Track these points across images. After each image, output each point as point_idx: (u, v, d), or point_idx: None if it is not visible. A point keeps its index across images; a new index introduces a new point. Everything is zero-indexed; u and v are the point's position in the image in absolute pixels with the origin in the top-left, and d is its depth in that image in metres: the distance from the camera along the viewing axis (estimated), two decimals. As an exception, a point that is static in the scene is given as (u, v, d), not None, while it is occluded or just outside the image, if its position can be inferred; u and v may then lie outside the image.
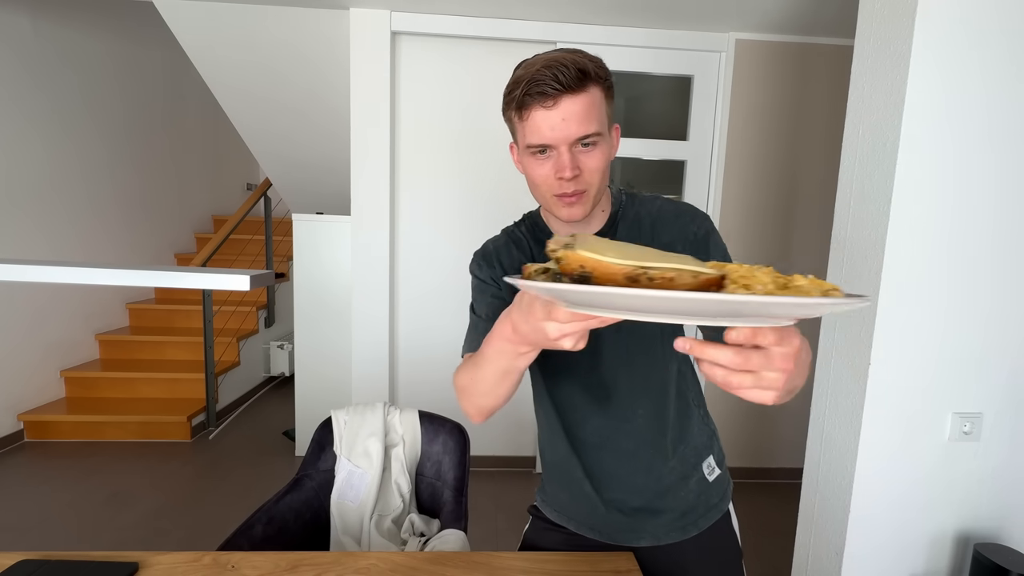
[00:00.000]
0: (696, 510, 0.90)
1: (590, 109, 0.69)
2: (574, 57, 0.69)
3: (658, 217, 0.81)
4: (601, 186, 0.74)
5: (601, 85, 0.71)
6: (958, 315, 1.31)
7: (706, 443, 0.92)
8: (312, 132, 2.88)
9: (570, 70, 0.67)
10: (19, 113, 3.03)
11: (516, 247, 0.88)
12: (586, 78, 0.68)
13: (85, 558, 0.87)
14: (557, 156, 0.71)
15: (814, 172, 2.67)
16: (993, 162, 1.27)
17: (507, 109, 0.74)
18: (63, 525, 2.26)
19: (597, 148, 0.71)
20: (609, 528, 0.91)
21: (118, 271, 0.50)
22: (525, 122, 0.71)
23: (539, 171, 0.73)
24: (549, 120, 0.69)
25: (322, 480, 1.39)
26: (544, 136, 0.70)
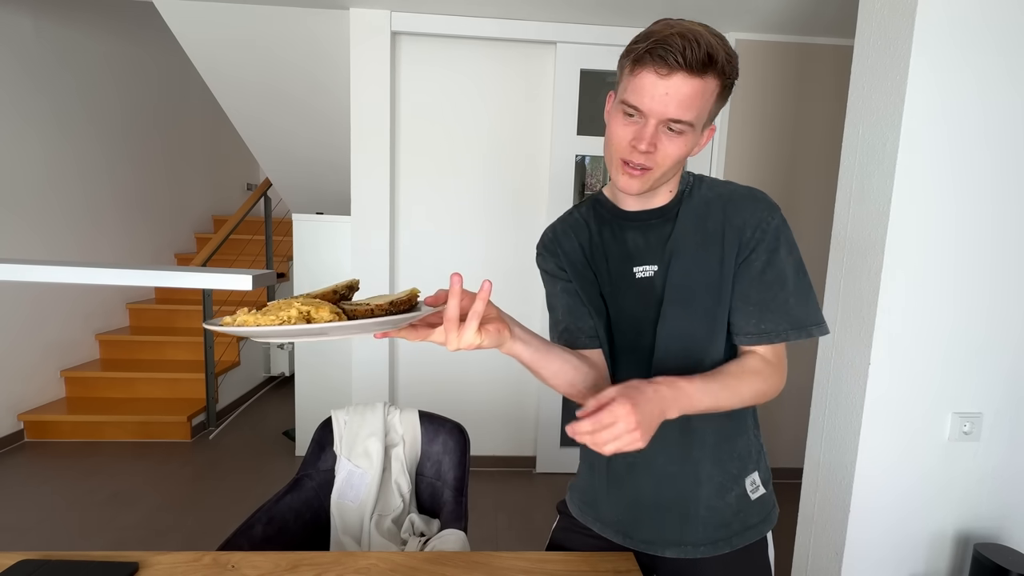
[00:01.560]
0: (731, 526, 0.84)
1: (697, 97, 0.67)
2: (712, 39, 0.67)
3: (730, 199, 0.79)
4: (668, 172, 0.74)
5: (721, 80, 0.69)
6: (958, 315, 1.31)
7: (754, 457, 0.87)
8: (312, 132, 2.89)
9: (700, 49, 0.65)
10: (19, 113, 3.03)
11: (575, 232, 0.87)
12: (711, 65, 0.66)
13: (85, 558, 0.87)
14: (643, 125, 0.69)
15: (814, 172, 2.67)
16: (993, 162, 1.27)
17: (624, 57, 0.72)
18: (63, 525, 2.26)
19: (682, 137, 0.70)
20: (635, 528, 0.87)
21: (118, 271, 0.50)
22: (633, 77, 0.69)
23: (620, 130, 0.72)
24: (655, 87, 0.67)
25: (322, 480, 1.39)
26: (642, 100, 0.68)
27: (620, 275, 0.82)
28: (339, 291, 0.68)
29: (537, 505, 2.51)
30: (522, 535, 2.27)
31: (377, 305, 0.61)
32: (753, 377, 0.75)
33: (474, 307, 0.58)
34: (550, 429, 2.80)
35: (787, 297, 0.75)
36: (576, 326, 0.84)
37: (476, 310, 0.58)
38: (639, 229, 0.82)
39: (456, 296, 0.58)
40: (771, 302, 0.75)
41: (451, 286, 0.58)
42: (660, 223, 0.81)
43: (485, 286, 0.59)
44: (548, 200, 2.63)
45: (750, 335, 0.77)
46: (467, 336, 0.59)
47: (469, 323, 0.58)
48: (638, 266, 0.81)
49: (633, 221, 0.82)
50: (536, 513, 2.44)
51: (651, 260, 0.81)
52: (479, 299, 0.58)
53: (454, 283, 0.58)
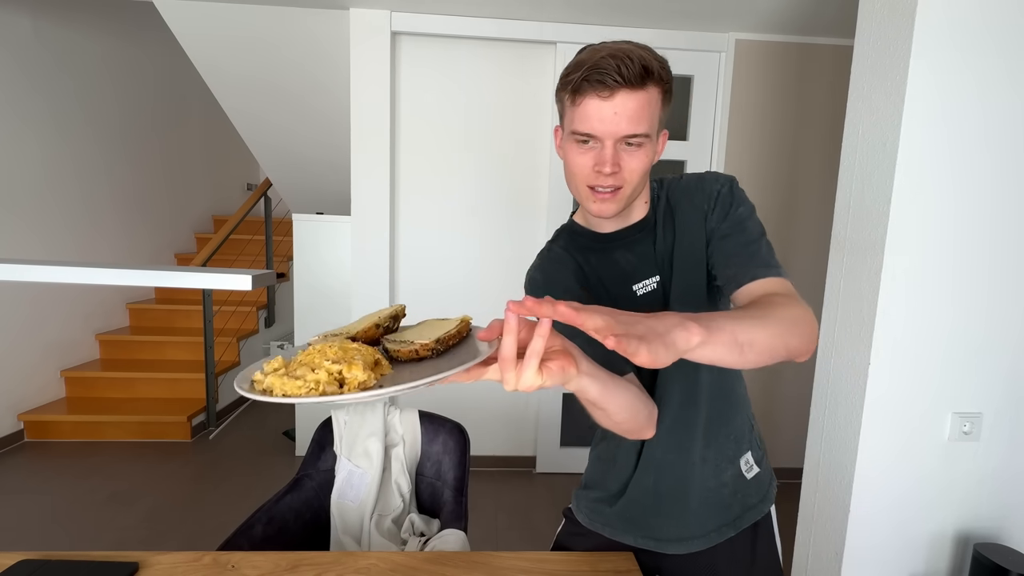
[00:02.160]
0: (731, 508, 0.87)
1: (644, 108, 0.68)
2: (641, 53, 0.68)
3: (687, 191, 0.81)
4: (638, 187, 0.73)
5: (661, 87, 0.69)
6: (958, 315, 1.31)
7: (747, 437, 0.89)
8: (312, 132, 2.88)
9: (635, 64, 0.66)
10: (18, 114, 3.03)
11: (563, 266, 0.85)
12: (648, 76, 0.67)
13: (85, 558, 0.87)
14: (600, 149, 0.70)
15: (814, 172, 2.67)
16: (993, 162, 1.27)
17: (561, 90, 0.72)
18: (63, 525, 2.26)
19: (642, 149, 0.70)
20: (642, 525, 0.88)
21: (119, 271, 0.50)
22: (577, 107, 0.69)
23: (579, 160, 0.72)
24: (601, 111, 0.67)
25: (322, 480, 1.39)
26: (592, 126, 0.68)
27: (621, 296, 0.82)
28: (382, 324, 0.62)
29: (537, 505, 2.51)
30: (522, 535, 2.27)
31: (422, 345, 0.55)
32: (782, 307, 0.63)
33: (532, 346, 0.49)
34: (550, 429, 2.80)
35: (748, 243, 0.75)
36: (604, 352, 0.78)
37: (535, 349, 0.48)
38: (625, 247, 0.82)
39: (512, 333, 0.48)
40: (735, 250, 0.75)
41: (506, 322, 0.48)
42: (643, 236, 0.81)
43: (544, 322, 0.47)
44: (548, 200, 2.63)
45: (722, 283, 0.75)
46: (527, 377, 0.49)
47: (528, 363, 0.49)
48: (637, 283, 0.81)
49: (617, 241, 0.82)
50: (536, 513, 2.44)
51: (649, 273, 0.81)
52: (538, 335, 0.48)
53: (509, 319, 0.48)
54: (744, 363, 0.55)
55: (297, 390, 0.48)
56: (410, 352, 0.56)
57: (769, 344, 0.57)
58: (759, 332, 0.56)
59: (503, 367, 0.50)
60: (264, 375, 0.50)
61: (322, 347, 0.52)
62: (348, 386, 0.49)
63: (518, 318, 0.47)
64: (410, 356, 0.56)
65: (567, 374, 0.55)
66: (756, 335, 0.56)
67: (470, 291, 2.72)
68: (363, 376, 0.49)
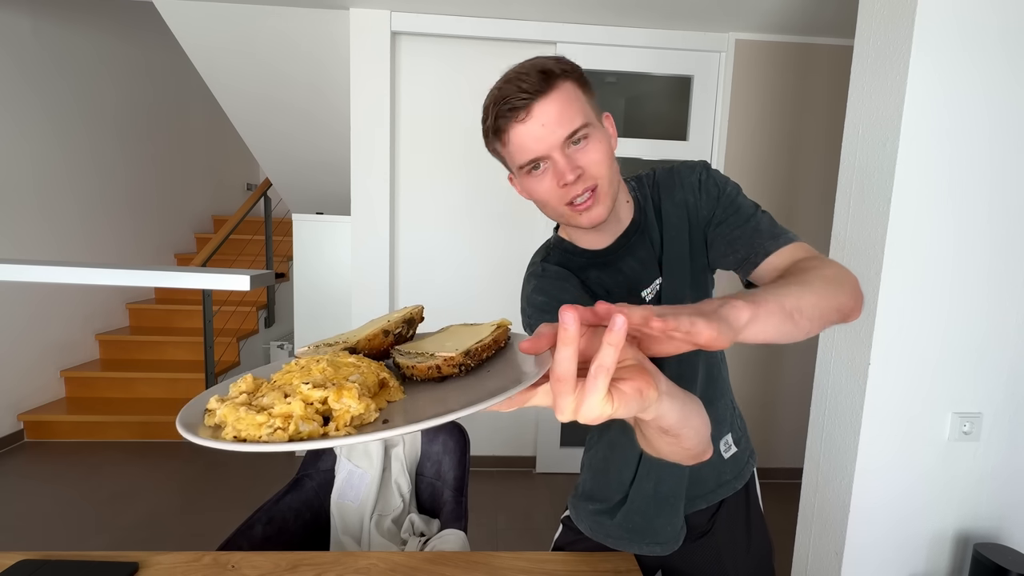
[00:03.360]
0: (706, 483, 0.88)
1: (568, 104, 0.65)
2: (532, 62, 0.65)
3: (662, 187, 0.79)
4: (612, 177, 0.69)
5: (571, 78, 0.66)
6: (958, 315, 1.31)
7: (728, 419, 0.89)
8: (312, 132, 2.88)
9: (531, 75, 0.63)
10: (19, 113, 3.03)
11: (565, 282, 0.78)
12: (551, 76, 0.64)
13: (85, 558, 0.87)
14: (553, 165, 0.66)
15: (814, 172, 2.67)
16: (993, 162, 1.27)
17: (488, 141, 0.70)
18: (63, 525, 2.26)
19: (591, 140, 0.67)
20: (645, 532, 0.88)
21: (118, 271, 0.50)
22: (509, 144, 0.67)
23: (541, 187, 0.68)
24: (530, 132, 0.64)
25: (322, 480, 1.39)
26: (531, 150, 0.65)
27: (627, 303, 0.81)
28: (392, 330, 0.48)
29: (537, 505, 2.51)
30: (522, 535, 2.27)
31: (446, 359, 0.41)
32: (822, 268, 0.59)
33: (600, 358, 0.34)
34: (550, 429, 2.80)
35: (747, 220, 0.73)
36: None
37: (604, 364, 0.34)
38: (628, 253, 0.79)
39: (571, 343, 0.34)
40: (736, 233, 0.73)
41: (561, 328, 0.34)
42: (640, 238, 0.79)
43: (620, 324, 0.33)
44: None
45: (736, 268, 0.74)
46: (591, 405, 0.35)
47: (594, 385, 0.34)
48: (645, 288, 0.79)
49: (617, 252, 0.79)
50: (536, 513, 2.44)
51: (653, 275, 0.80)
52: (607, 344, 0.33)
53: (567, 322, 0.34)
54: (798, 332, 0.49)
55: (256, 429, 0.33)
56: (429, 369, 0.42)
57: (818, 307, 0.52)
58: (806, 297, 0.51)
59: (558, 390, 0.35)
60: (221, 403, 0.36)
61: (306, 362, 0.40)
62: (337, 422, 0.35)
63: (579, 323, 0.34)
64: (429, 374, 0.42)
65: (646, 399, 0.39)
66: (803, 300, 0.50)
67: (471, 291, 2.72)
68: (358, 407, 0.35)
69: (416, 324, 0.52)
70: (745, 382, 2.74)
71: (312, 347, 0.47)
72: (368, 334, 0.47)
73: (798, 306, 0.49)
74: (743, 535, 0.93)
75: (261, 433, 0.33)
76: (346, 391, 0.36)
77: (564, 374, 0.34)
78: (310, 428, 0.34)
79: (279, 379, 0.39)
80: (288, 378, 0.38)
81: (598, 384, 0.34)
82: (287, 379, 0.38)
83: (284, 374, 0.39)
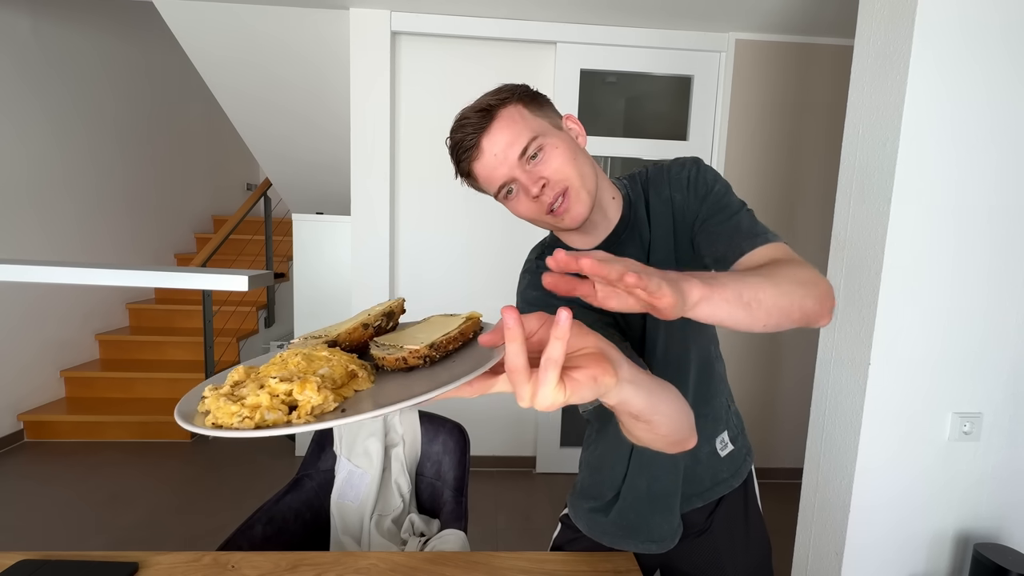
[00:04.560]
0: (702, 481, 0.89)
1: (511, 127, 0.69)
2: (475, 104, 0.71)
3: (655, 183, 0.80)
4: (582, 174, 0.71)
5: (510, 102, 0.70)
6: (958, 315, 1.31)
7: (723, 418, 0.90)
8: (312, 132, 2.88)
9: (471, 118, 0.69)
10: (18, 114, 3.03)
11: None
12: (490, 110, 0.69)
13: (85, 558, 0.87)
14: (519, 185, 0.71)
15: (814, 172, 2.67)
16: (993, 162, 1.27)
17: (464, 183, 0.76)
18: (63, 525, 2.26)
19: (546, 150, 0.70)
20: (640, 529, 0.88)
21: (118, 271, 0.50)
22: (478, 180, 0.73)
23: (520, 207, 0.73)
24: (487, 164, 0.70)
25: (322, 480, 1.39)
26: (495, 178, 0.71)
27: None
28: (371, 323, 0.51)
29: (537, 505, 2.51)
30: (522, 535, 2.27)
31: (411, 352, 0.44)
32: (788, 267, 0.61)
33: (548, 352, 0.37)
34: (550, 429, 2.80)
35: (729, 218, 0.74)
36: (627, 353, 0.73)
37: (552, 357, 0.37)
38: (618, 250, 0.80)
39: (517, 340, 0.38)
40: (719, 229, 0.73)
41: (505, 327, 0.38)
42: (630, 234, 0.80)
43: (564, 319, 0.36)
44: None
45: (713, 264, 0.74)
46: (544, 394, 0.38)
47: (545, 376, 0.38)
48: None
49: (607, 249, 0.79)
50: (536, 513, 2.44)
51: None
52: (555, 338, 0.37)
53: (508, 321, 0.37)
54: (754, 322, 0.50)
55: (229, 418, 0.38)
56: (397, 360, 0.45)
57: (778, 304, 0.53)
58: (767, 290, 0.52)
59: (513, 380, 0.39)
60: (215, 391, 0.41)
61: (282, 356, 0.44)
62: (300, 411, 0.39)
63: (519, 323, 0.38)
64: (397, 365, 0.46)
65: (601, 385, 0.42)
66: (763, 293, 0.51)
67: (471, 291, 2.72)
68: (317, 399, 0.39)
69: (396, 317, 0.55)
70: (745, 382, 2.74)
71: (302, 339, 0.51)
72: (348, 328, 0.51)
73: (757, 297, 0.51)
74: (741, 534, 0.93)
75: (233, 421, 0.38)
76: (308, 384, 0.40)
77: (514, 366, 0.38)
78: (275, 416, 0.39)
79: (262, 371, 0.43)
80: (267, 370, 0.43)
81: (548, 375, 0.38)
82: (266, 371, 0.43)
83: (268, 366, 0.44)
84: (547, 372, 0.37)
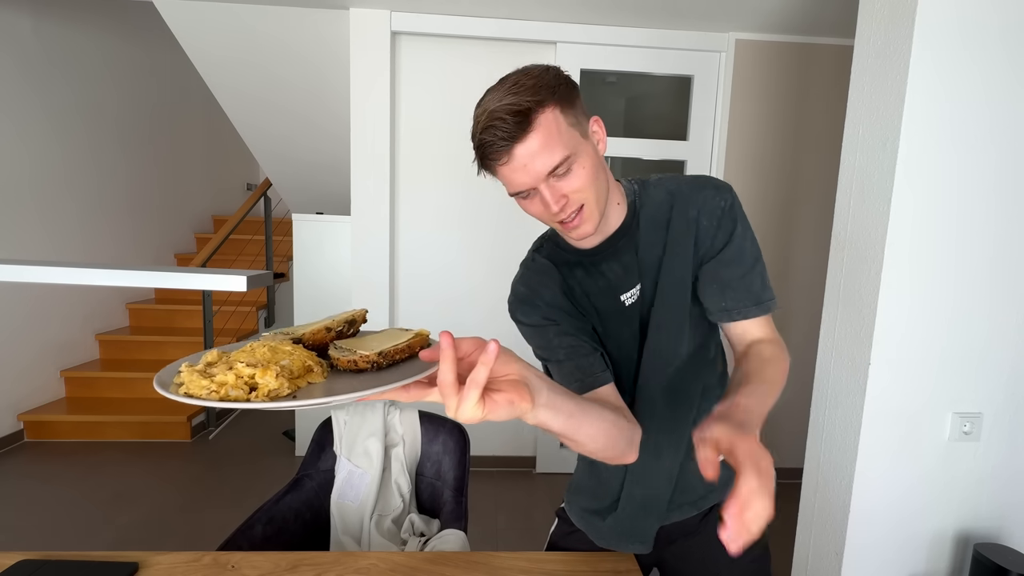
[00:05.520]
0: (696, 490, 0.89)
1: (547, 140, 0.65)
2: (507, 101, 0.65)
3: (678, 193, 0.78)
4: (598, 195, 0.72)
5: (549, 103, 0.66)
6: (958, 315, 1.31)
7: None
8: (312, 132, 2.88)
9: (507, 120, 0.64)
10: (19, 113, 3.03)
11: (548, 278, 0.83)
12: (528, 115, 0.64)
13: (85, 558, 0.87)
14: (539, 194, 0.69)
15: (814, 172, 2.67)
16: (993, 162, 1.27)
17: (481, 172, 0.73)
18: (63, 525, 2.26)
19: (574, 169, 0.68)
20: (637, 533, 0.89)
21: (117, 271, 0.50)
22: (498, 178, 0.71)
23: (532, 209, 0.72)
24: (513, 171, 0.67)
25: (322, 480, 1.39)
26: (517, 185, 0.69)
27: (607, 308, 0.82)
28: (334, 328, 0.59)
29: (537, 505, 2.51)
30: (522, 535, 2.27)
31: (362, 356, 0.52)
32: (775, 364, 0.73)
33: (473, 375, 0.45)
34: (550, 429, 2.80)
35: (744, 273, 0.76)
36: (587, 363, 0.78)
37: (476, 379, 0.45)
38: (612, 257, 0.80)
39: (448, 360, 0.45)
40: (733, 280, 0.76)
41: (440, 349, 0.45)
42: (627, 242, 0.79)
43: (491, 349, 0.45)
44: (548, 200, 2.63)
45: (714, 313, 0.79)
46: (465, 409, 0.45)
47: (467, 395, 0.45)
48: (624, 293, 0.80)
49: (602, 254, 0.80)
50: (536, 513, 2.44)
51: (633, 282, 0.80)
52: (481, 364, 0.44)
53: (443, 344, 0.45)
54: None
55: (200, 390, 0.46)
56: (348, 363, 0.53)
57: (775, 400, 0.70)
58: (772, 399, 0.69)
59: (441, 392, 0.46)
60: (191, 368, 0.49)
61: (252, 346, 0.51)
62: (259, 392, 0.47)
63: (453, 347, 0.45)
64: (348, 366, 0.53)
65: (517, 408, 0.50)
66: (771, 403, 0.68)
67: (470, 291, 2.72)
68: (274, 384, 0.47)
69: (358, 325, 0.62)
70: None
71: (273, 333, 0.58)
72: (313, 329, 0.58)
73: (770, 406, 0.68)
74: None
75: (202, 393, 0.46)
76: (268, 371, 0.48)
77: (443, 381, 0.45)
78: (237, 394, 0.46)
79: (233, 356, 0.50)
80: (237, 356, 0.50)
81: (470, 393, 0.45)
82: (237, 356, 0.50)
83: (238, 352, 0.51)
84: (469, 391, 0.45)
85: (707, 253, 0.77)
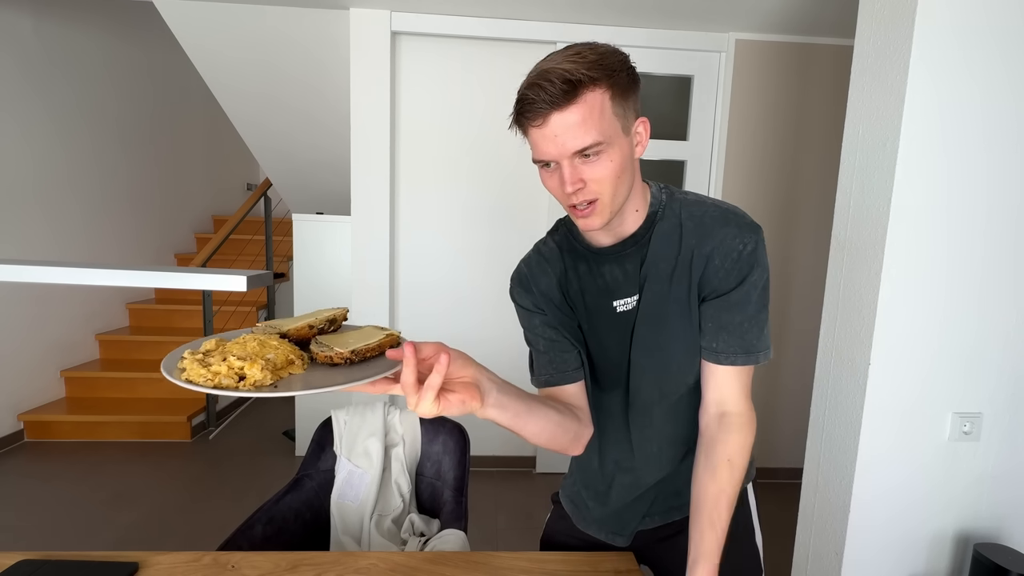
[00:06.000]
0: (681, 495, 0.87)
1: (586, 119, 0.64)
2: (564, 66, 0.63)
3: (701, 223, 0.75)
4: (616, 193, 0.70)
5: (603, 85, 0.65)
6: (958, 315, 1.31)
7: None
8: (312, 132, 2.89)
9: (555, 84, 0.63)
10: (19, 114, 3.03)
11: (550, 265, 0.84)
12: (577, 87, 0.63)
13: (85, 558, 0.87)
14: (559, 169, 0.68)
15: (814, 172, 2.67)
16: (993, 162, 1.27)
17: (513, 127, 0.72)
18: (63, 525, 2.26)
19: (601, 157, 0.67)
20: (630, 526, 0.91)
21: (117, 271, 0.51)
22: (528, 139, 0.70)
23: (549, 183, 0.71)
24: (544, 138, 0.66)
25: (322, 480, 1.39)
26: (542, 152, 0.68)
27: (598, 309, 0.81)
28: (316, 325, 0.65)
29: (537, 505, 2.51)
30: (522, 535, 2.27)
31: (337, 353, 0.59)
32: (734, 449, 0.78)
33: (430, 380, 0.54)
34: (550, 429, 2.80)
35: (744, 320, 0.75)
36: (561, 359, 0.82)
37: (431, 383, 0.54)
38: (615, 262, 0.79)
39: (410, 364, 0.54)
40: (731, 324, 0.75)
41: (404, 355, 0.55)
42: (635, 251, 0.78)
43: (443, 360, 0.54)
44: (549, 199, 2.63)
45: (704, 350, 0.78)
46: (423, 406, 0.55)
47: (424, 395, 0.54)
48: (618, 299, 0.80)
49: (609, 256, 0.80)
50: (536, 513, 2.44)
51: (630, 291, 0.79)
52: (435, 372, 0.54)
53: (406, 351, 0.54)
54: None
55: (198, 378, 0.52)
56: (325, 358, 0.59)
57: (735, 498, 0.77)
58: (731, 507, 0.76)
59: (404, 392, 0.55)
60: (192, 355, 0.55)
61: (243, 339, 0.58)
62: (246, 382, 0.53)
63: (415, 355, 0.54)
64: (325, 361, 0.59)
65: (468, 407, 0.59)
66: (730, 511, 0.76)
67: (470, 291, 2.72)
68: (259, 376, 0.53)
69: (339, 323, 0.68)
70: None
71: (264, 325, 0.64)
72: (297, 326, 0.64)
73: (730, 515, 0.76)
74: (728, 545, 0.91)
75: (200, 380, 0.52)
76: (256, 364, 0.54)
77: (405, 381, 0.55)
78: (228, 383, 0.53)
79: (228, 346, 0.57)
80: (231, 347, 0.56)
81: (426, 394, 0.54)
82: (230, 348, 0.56)
83: (233, 343, 0.57)
84: (426, 392, 0.54)
85: (713, 291, 0.75)
